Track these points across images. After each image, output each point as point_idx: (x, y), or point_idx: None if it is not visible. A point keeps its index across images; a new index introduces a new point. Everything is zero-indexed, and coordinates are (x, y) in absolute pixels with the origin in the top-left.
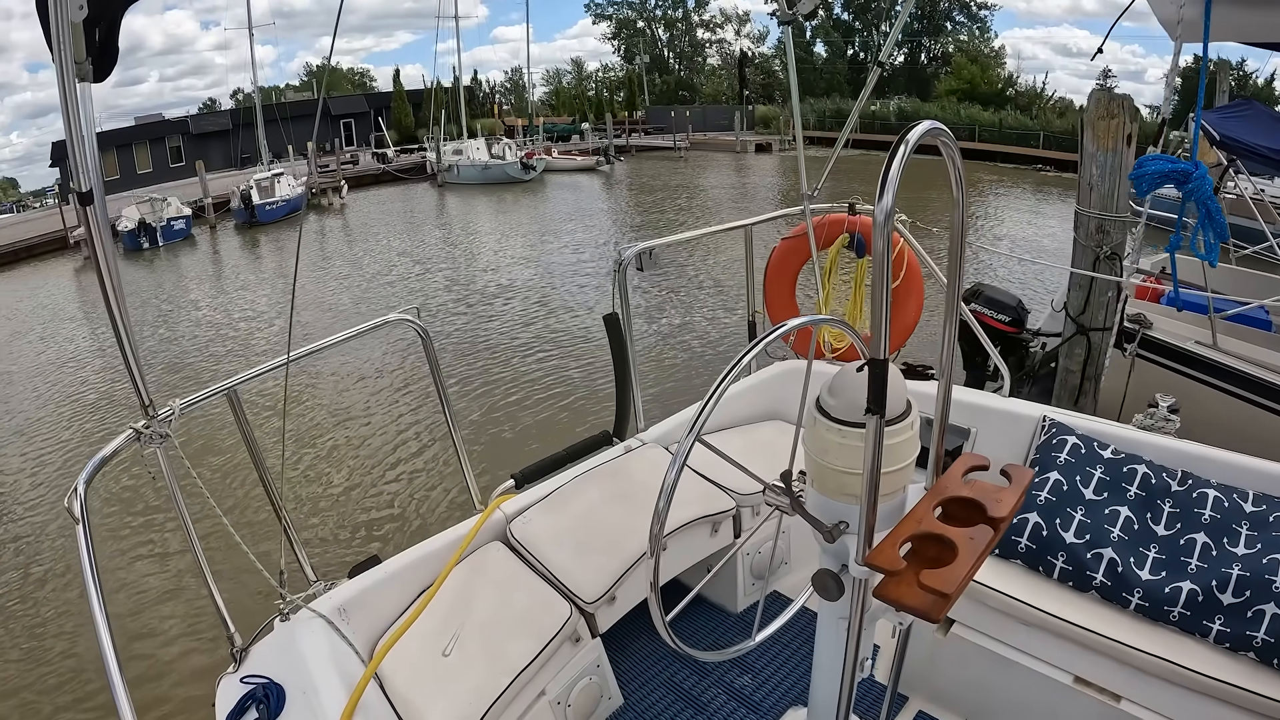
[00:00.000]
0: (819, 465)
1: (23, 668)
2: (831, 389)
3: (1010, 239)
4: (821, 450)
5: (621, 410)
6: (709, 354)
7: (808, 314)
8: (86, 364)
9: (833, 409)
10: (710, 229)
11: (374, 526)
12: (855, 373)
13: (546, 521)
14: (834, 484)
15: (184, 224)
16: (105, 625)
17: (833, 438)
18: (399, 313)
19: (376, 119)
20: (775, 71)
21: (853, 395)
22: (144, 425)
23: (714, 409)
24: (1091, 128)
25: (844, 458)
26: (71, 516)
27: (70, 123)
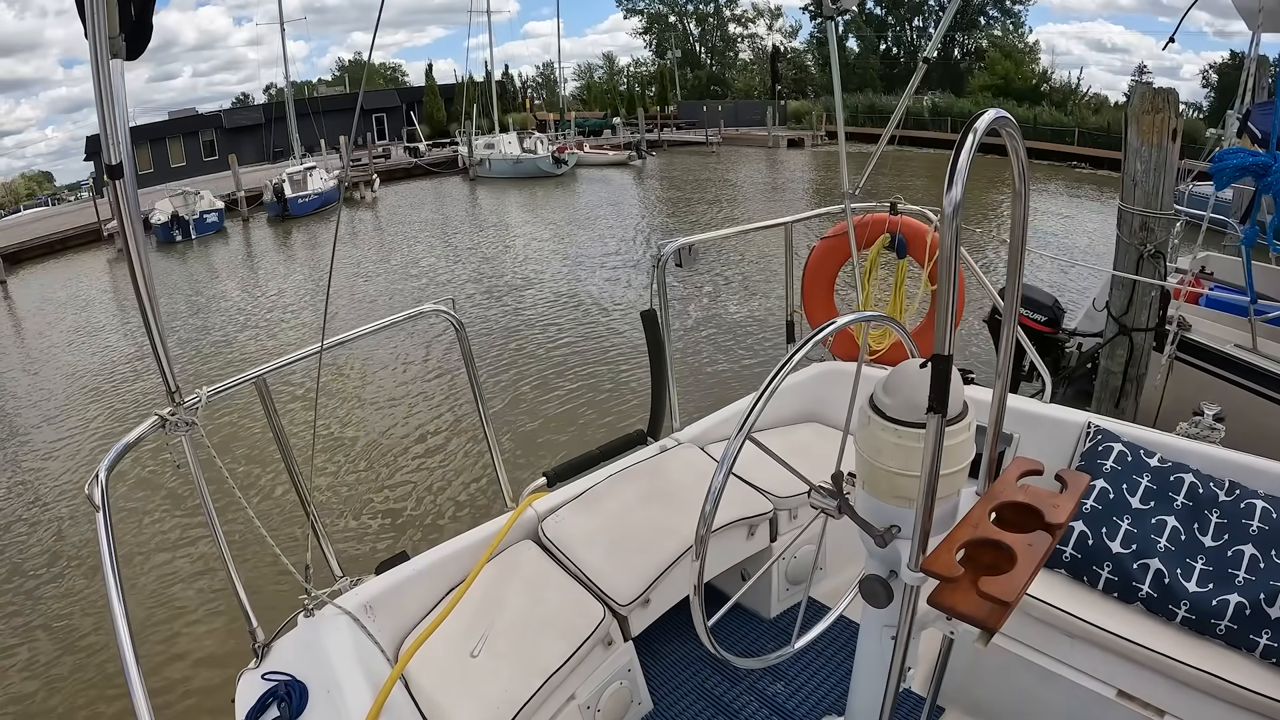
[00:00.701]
0: (871, 466)
1: (51, 649)
2: (887, 387)
3: (1043, 236)
4: (875, 451)
5: (657, 409)
6: (744, 354)
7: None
8: (119, 352)
9: (888, 408)
10: (750, 226)
11: (402, 522)
12: (912, 371)
13: (579, 521)
14: (887, 486)
15: (216, 217)
16: (123, 614)
17: (888, 438)
18: (433, 303)
19: (408, 113)
20: (807, 66)
21: (910, 394)
22: (170, 412)
23: (754, 410)
24: (1136, 122)
25: (899, 459)
26: (91, 504)
27: (100, 94)
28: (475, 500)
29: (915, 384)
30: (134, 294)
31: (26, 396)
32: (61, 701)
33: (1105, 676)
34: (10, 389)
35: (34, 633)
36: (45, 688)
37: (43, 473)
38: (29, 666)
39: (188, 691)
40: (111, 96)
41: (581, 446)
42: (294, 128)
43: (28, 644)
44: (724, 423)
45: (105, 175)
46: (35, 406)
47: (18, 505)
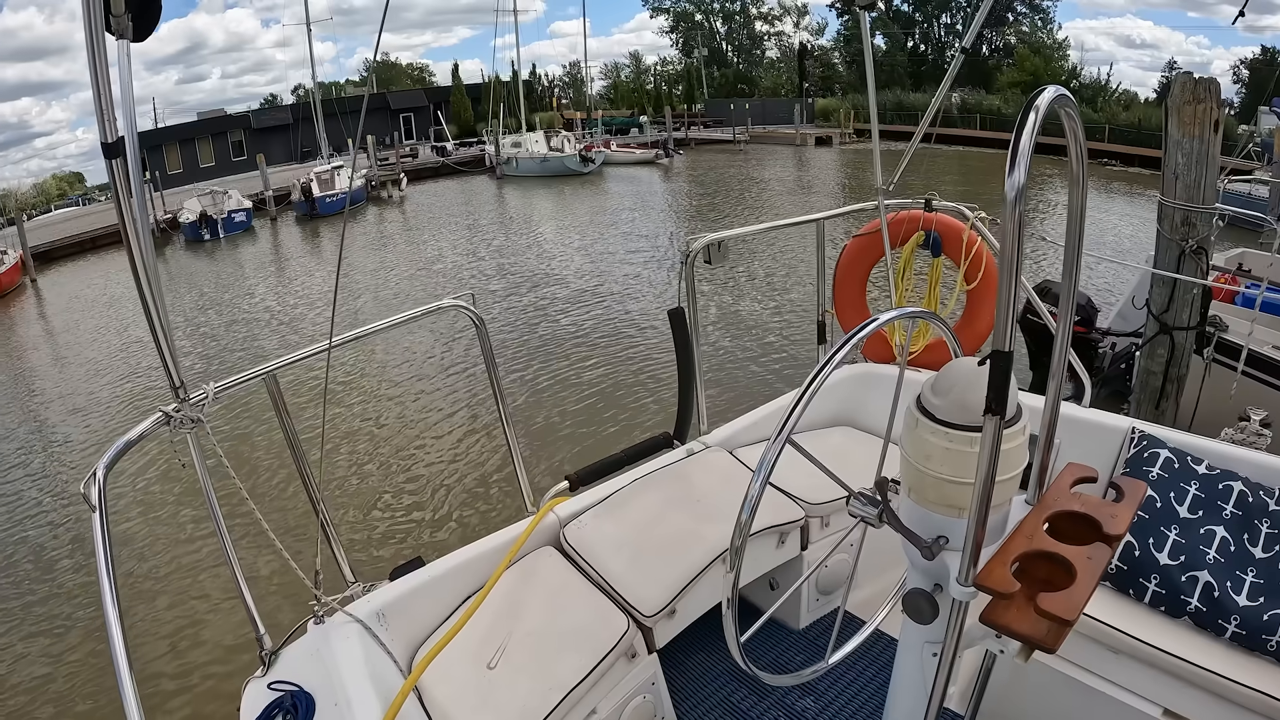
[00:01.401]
0: (918, 472)
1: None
2: (936, 388)
3: None
4: (923, 455)
5: (684, 411)
6: (773, 355)
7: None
8: (146, 347)
9: (938, 410)
10: (781, 221)
11: (418, 526)
12: (964, 370)
13: (603, 527)
14: (935, 494)
15: (244, 216)
16: (117, 617)
17: (937, 442)
18: (452, 298)
19: (435, 113)
20: (835, 64)
21: (962, 395)
22: (174, 409)
23: (794, 412)
24: (1177, 113)
25: (950, 464)
26: (87, 503)
27: (95, 67)
28: (494, 504)
29: (968, 384)
30: (134, 283)
31: (54, 389)
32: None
33: (1151, 695)
34: (38, 383)
35: (48, 624)
36: (49, 681)
37: (64, 461)
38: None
39: (191, 699)
40: (107, 71)
41: (605, 449)
42: (321, 128)
43: (43, 635)
44: (754, 425)
45: (104, 154)
46: (62, 400)
47: (42, 495)
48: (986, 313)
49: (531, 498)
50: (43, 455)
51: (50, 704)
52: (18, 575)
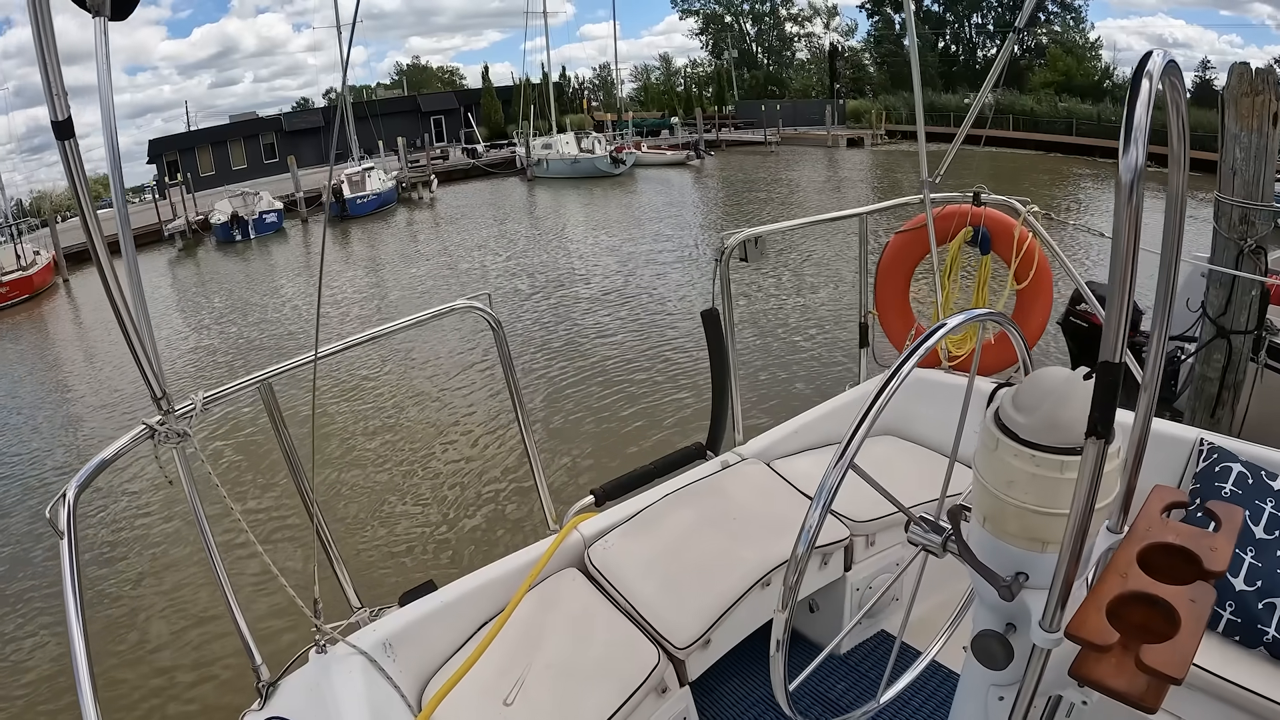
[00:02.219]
0: (997, 500)
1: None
2: (1020, 402)
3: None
4: (1003, 481)
5: (718, 419)
6: (810, 358)
7: (919, 315)
8: (175, 346)
9: (1023, 429)
10: (821, 217)
11: (430, 546)
12: (1054, 382)
13: (631, 547)
14: (1016, 525)
15: (275, 217)
16: (84, 650)
17: (1022, 466)
18: (466, 299)
19: (466, 115)
20: (865, 65)
21: (1053, 411)
22: (159, 421)
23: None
24: (1234, 105)
25: (1036, 492)
26: (54, 529)
27: (40, 37)
28: (513, 522)
29: (1060, 399)
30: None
31: (88, 386)
32: None
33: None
34: (66, 380)
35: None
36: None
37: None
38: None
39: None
40: (54, 41)
41: (634, 461)
42: (352, 130)
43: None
44: (793, 435)
45: (55, 134)
46: (95, 394)
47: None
48: (1039, 314)
49: (554, 514)
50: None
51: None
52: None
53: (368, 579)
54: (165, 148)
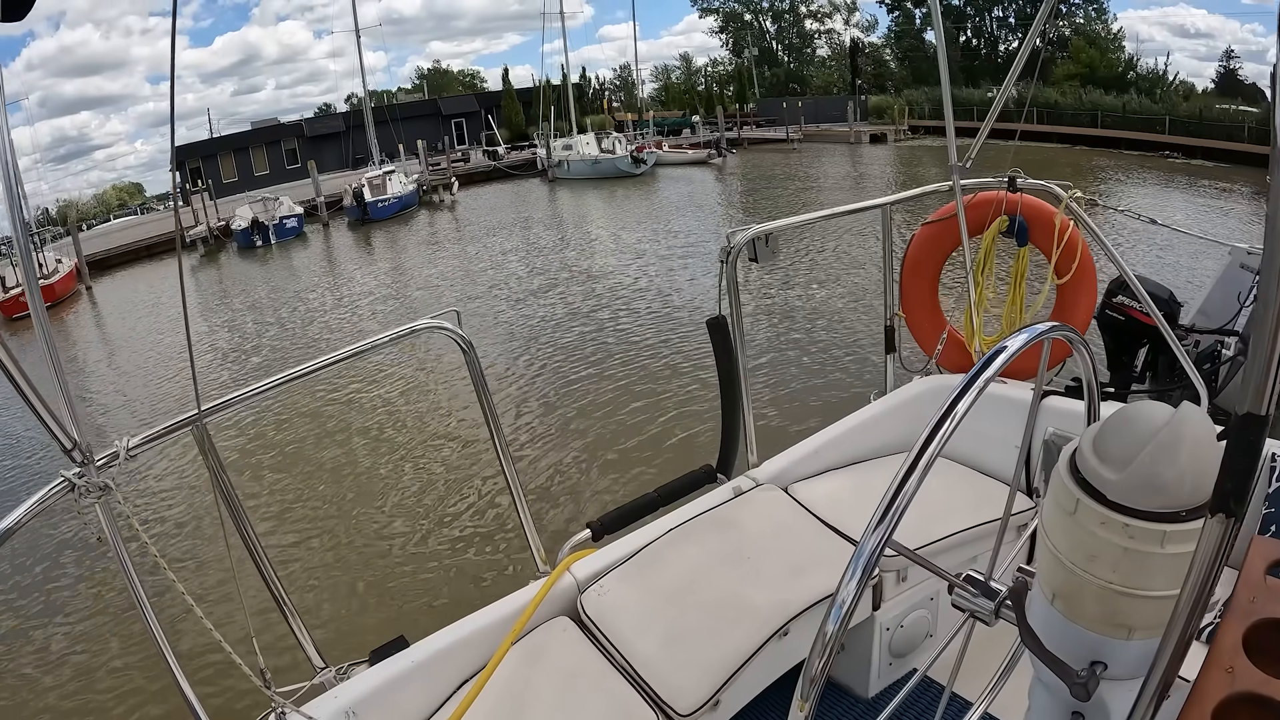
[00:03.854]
0: (1073, 576)
1: None
2: (1104, 450)
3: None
4: (1084, 554)
5: (728, 438)
6: (831, 367)
7: (950, 316)
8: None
9: (1112, 488)
10: (840, 209)
11: (401, 595)
12: (1148, 423)
13: (629, 592)
14: (1097, 607)
15: (296, 222)
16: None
17: (1110, 537)
18: (432, 317)
19: (487, 118)
20: (886, 61)
21: (1152, 465)
22: (77, 474)
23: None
24: None
25: (1126, 569)
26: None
27: None
28: (498, 564)
29: (1162, 449)
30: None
31: (113, 386)
32: None
33: None
34: (87, 385)
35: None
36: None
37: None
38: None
39: None
40: None
41: (636, 487)
42: (372, 134)
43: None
44: (813, 455)
45: None
46: (119, 392)
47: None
48: (1082, 312)
49: (543, 554)
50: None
51: None
52: None
53: (335, 632)
54: (188, 155)
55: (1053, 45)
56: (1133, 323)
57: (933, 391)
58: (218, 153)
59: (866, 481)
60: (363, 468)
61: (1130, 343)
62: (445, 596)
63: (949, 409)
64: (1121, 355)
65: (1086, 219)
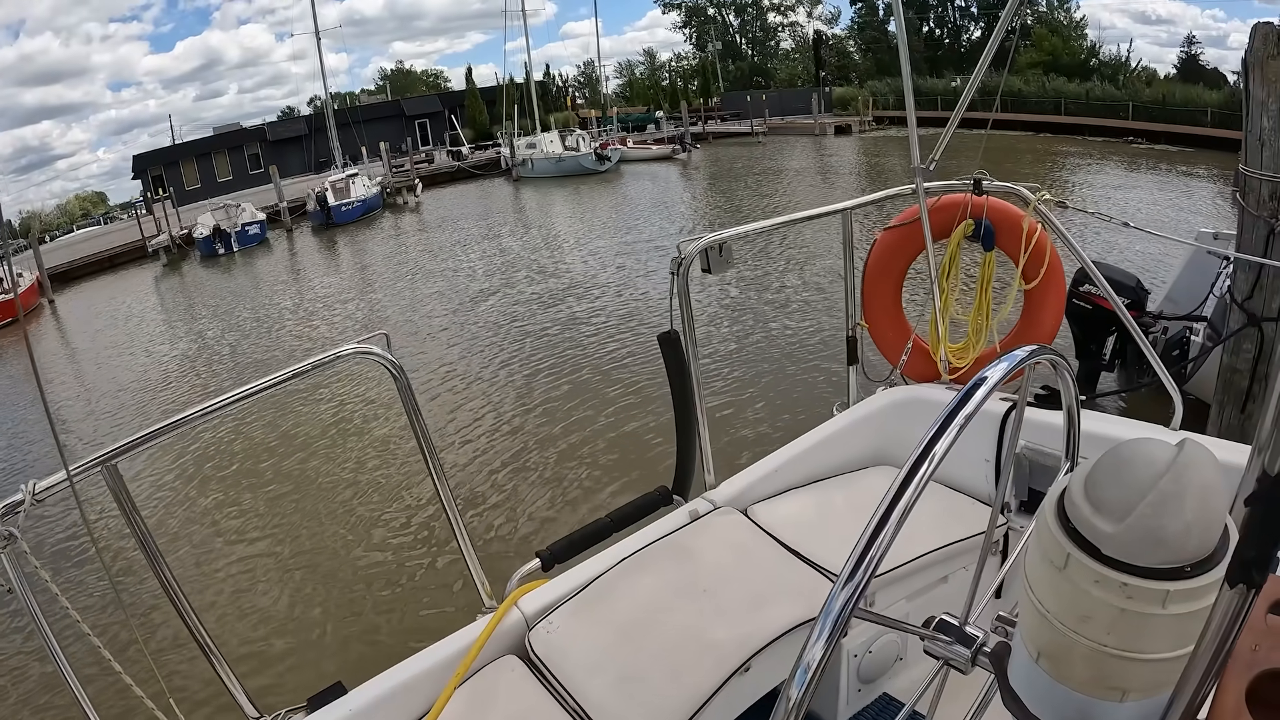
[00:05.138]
0: (1061, 636)
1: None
2: (1099, 497)
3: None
4: (1075, 614)
5: (684, 459)
6: (791, 381)
7: (915, 325)
8: (153, 361)
9: (1110, 543)
10: (798, 215)
11: (340, 638)
12: (1150, 467)
13: (582, 628)
14: (1088, 670)
15: (258, 229)
16: None
17: (1105, 597)
18: (358, 342)
19: (450, 118)
20: (850, 53)
21: (1155, 516)
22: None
23: (799, 459)
24: (1259, 69)
25: (1123, 631)
26: None
27: None
28: (441, 600)
29: (1166, 499)
30: None
31: (78, 401)
32: None
33: None
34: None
35: None
36: None
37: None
38: None
39: None
40: None
41: (588, 511)
42: (334, 137)
43: None
44: (773, 475)
45: None
46: (84, 400)
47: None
48: (1050, 319)
49: (488, 588)
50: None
51: None
52: None
53: (268, 679)
54: (149, 163)
55: (1013, 34)
56: (1099, 312)
57: (898, 403)
58: (180, 160)
59: (830, 501)
60: (292, 503)
61: (1098, 332)
62: (386, 637)
63: (925, 451)
64: (1089, 344)
65: (1055, 222)
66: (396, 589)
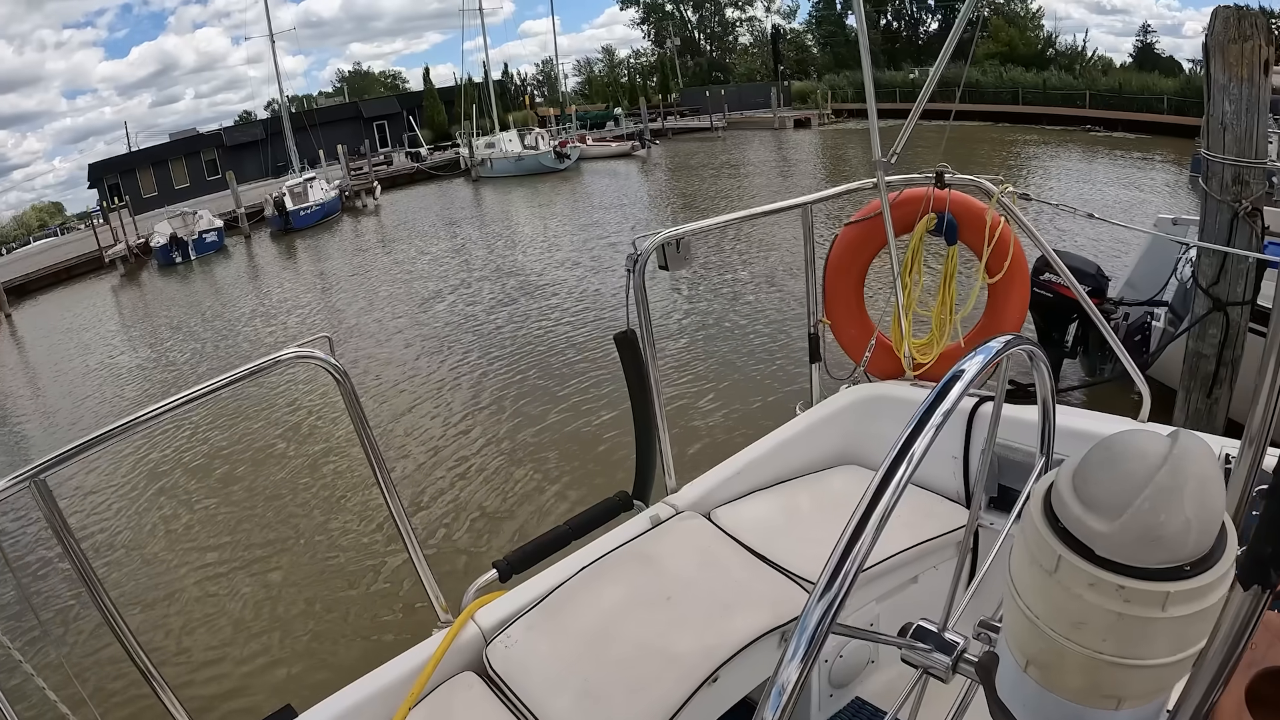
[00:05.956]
0: (1052, 643)
1: None
2: (1090, 494)
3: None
4: (1067, 620)
5: (644, 463)
6: (753, 381)
7: (878, 322)
8: (116, 375)
9: (1104, 543)
10: (758, 209)
11: (289, 658)
12: (1146, 458)
13: (542, 642)
14: (1081, 678)
15: (216, 236)
16: None
17: (1101, 602)
18: (298, 346)
19: (409, 119)
20: (808, 47)
21: (1152, 513)
22: None
23: (762, 460)
24: (1220, 53)
25: (1120, 637)
26: None
27: None
28: (394, 615)
29: (1163, 492)
30: None
31: (36, 416)
32: None
33: None
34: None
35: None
36: None
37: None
38: None
39: None
40: None
41: (547, 519)
42: (291, 141)
43: None
44: (736, 477)
45: None
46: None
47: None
48: (1014, 312)
49: (443, 602)
50: None
51: None
52: None
53: (215, 704)
54: (106, 171)
55: (975, 24)
56: (1060, 299)
57: (861, 401)
58: (136, 167)
59: (795, 503)
60: (237, 517)
61: (1059, 319)
62: (337, 656)
63: (901, 452)
64: (1051, 333)
65: (1019, 215)
66: (348, 605)
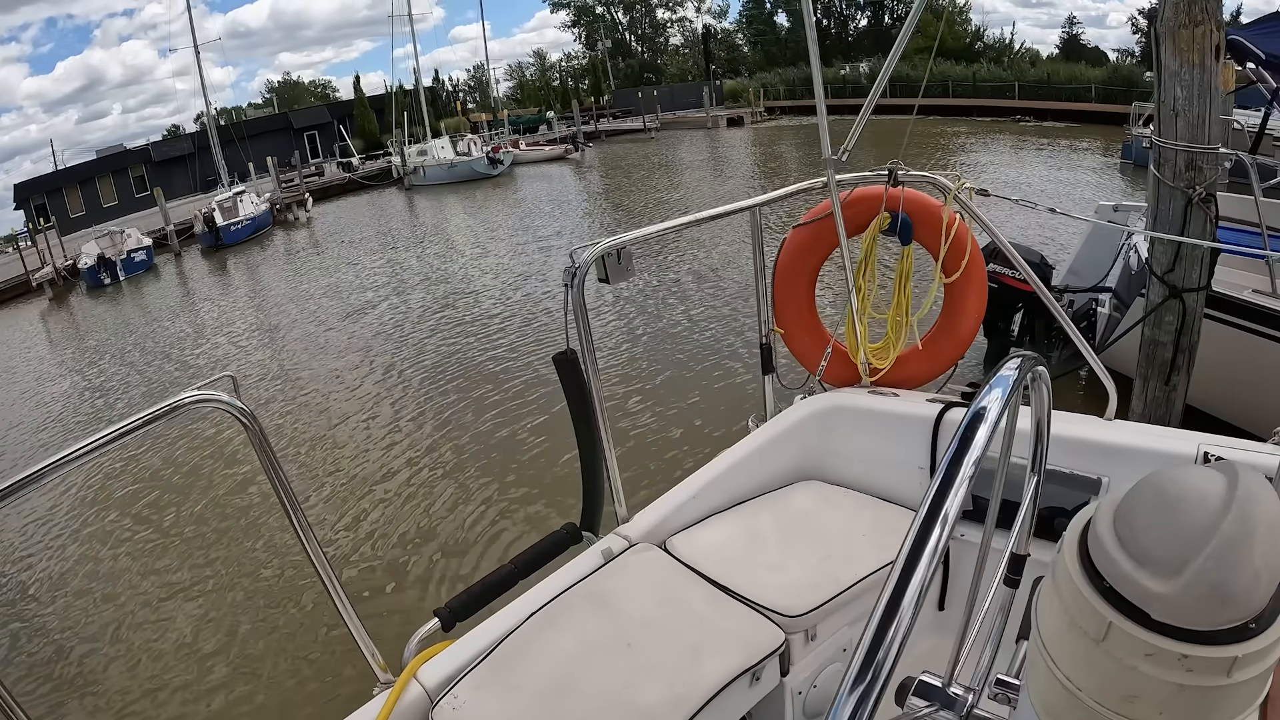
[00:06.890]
0: (1098, 717)
1: None
2: (1140, 549)
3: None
4: (1118, 693)
5: (591, 491)
6: (701, 396)
7: (830, 327)
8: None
9: (1162, 606)
10: (701, 215)
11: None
12: (1209, 501)
13: (492, 699)
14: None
15: (145, 255)
16: None
17: (1160, 674)
18: (198, 388)
19: (339, 128)
20: (739, 46)
21: (1221, 575)
22: None
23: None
24: (1171, 39)
25: (1182, 710)
26: None
27: None
28: (329, 680)
29: (1230, 547)
30: None
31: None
32: None
33: None
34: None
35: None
36: None
37: None
38: None
39: None
40: None
41: (490, 558)
42: (219, 154)
43: None
44: (691, 501)
45: None
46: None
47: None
48: (971, 313)
49: (381, 661)
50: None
51: None
52: None
53: None
54: (31, 191)
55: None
56: (1006, 289)
57: (819, 412)
58: (63, 186)
59: (756, 525)
60: (143, 579)
61: (1005, 309)
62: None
63: (931, 514)
64: (996, 322)
65: (977, 212)
66: (277, 673)
